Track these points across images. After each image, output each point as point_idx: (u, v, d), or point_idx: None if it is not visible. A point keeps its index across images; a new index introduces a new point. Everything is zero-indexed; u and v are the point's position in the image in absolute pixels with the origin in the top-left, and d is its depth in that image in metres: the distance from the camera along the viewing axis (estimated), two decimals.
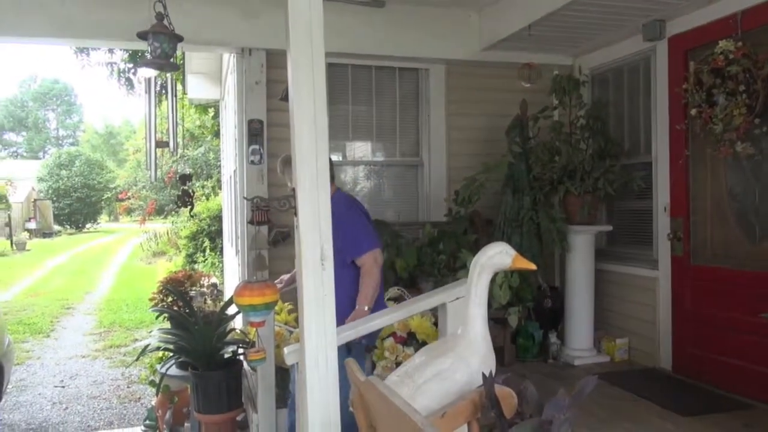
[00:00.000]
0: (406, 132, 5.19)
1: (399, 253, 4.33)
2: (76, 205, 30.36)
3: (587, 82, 4.83)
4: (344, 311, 2.70)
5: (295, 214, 2.03)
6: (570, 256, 4.51)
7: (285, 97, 2.95)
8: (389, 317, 2.60)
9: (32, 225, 26.03)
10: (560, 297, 4.70)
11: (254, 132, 4.39)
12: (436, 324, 3.55)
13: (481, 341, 1.88)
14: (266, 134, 4.40)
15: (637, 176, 4.39)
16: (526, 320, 4.50)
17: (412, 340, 3.55)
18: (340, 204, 2.70)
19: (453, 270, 4.24)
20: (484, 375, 1.56)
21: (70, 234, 29.05)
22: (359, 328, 2.46)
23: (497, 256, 1.88)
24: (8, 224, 21.59)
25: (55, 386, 5.81)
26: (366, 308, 2.80)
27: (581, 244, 4.47)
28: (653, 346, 4.32)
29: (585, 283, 4.48)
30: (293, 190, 2.69)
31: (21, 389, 5.66)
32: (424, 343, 3.43)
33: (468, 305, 1.90)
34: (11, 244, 20.45)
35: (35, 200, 28.07)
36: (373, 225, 3.06)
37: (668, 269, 4.20)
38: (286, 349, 2.24)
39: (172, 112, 2.91)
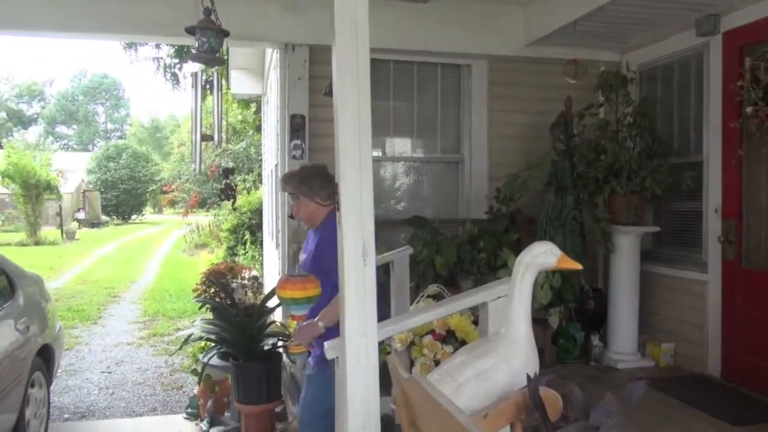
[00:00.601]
0: (446, 128, 5.16)
1: (439, 251, 4.30)
2: (123, 197, 31.31)
3: (635, 79, 4.69)
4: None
5: (337, 209, 2.04)
6: (614, 257, 4.40)
7: (329, 92, 2.97)
8: (429, 314, 2.59)
9: (81, 215, 26.98)
10: (603, 298, 4.59)
11: (296, 127, 4.43)
12: (475, 323, 3.52)
13: (524, 342, 1.85)
14: (308, 129, 4.43)
15: (686, 176, 4.25)
16: (568, 321, 4.42)
17: (451, 338, 3.52)
18: (333, 230, 2.69)
19: (493, 269, 4.20)
20: (528, 376, 1.53)
21: (117, 225, 29.98)
22: (400, 324, 2.46)
23: (542, 256, 1.85)
24: (59, 214, 22.43)
25: (102, 372, 6.01)
26: (321, 325, 2.67)
27: (626, 245, 4.36)
28: (701, 351, 4.18)
29: (630, 284, 4.37)
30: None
31: (70, 373, 5.87)
32: (463, 342, 3.40)
33: (511, 304, 1.87)
34: (62, 233, 21.23)
35: (84, 191, 29.06)
36: None
37: (718, 272, 4.05)
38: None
39: (217, 106, 2.96)
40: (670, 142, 4.55)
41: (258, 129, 11.16)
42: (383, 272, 3.63)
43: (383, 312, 2.94)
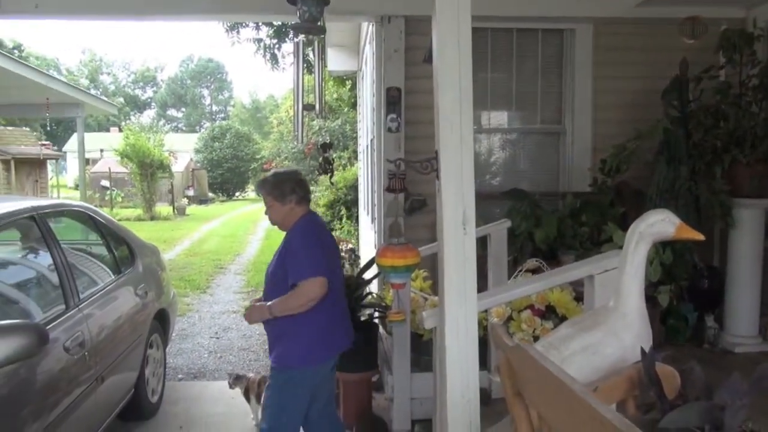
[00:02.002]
0: (547, 98, 4.94)
1: (538, 224, 4.16)
2: (227, 175, 32.92)
3: (763, 37, 4.24)
4: (278, 328, 2.82)
5: (437, 177, 2.01)
6: (734, 232, 4.05)
7: (428, 59, 2.92)
8: (530, 287, 2.51)
9: (190, 192, 28.72)
10: (719, 277, 4.26)
11: (392, 100, 4.41)
12: (576, 299, 3.37)
13: (635, 316, 1.74)
14: (404, 102, 4.41)
15: None
16: (679, 300, 4.14)
17: (550, 314, 3.41)
18: (297, 233, 2.79)
19: (597, 243, 4.01)
20: (643, 351, 1.44)
21: (222, 201, 31.64)
22: (499, 295, 2.40)
23: (659, 224, 1.72)
24: (171, 191, 23.99)
25: (211, 337, 6.40)
26: (269, 311, 2.76)
27: (749, 220, 3.99)
28: None
29: (751, 263, 4.01)
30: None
31: (183, 338, 6.30)
32: (564, 318, 3.28)
33: (622, 277, 1.77)
34: (173, 209, 22.74)
35: (193, 170, 30.86)
36: (329, 253, 2.86)
37: None
38: (424, 313, 2.25)
39: (319, 75, 3.01)
40: None
41: (353, 106, 11.29)
42: (480, 246, 3.55)
43: (480, 286, 2.90)
